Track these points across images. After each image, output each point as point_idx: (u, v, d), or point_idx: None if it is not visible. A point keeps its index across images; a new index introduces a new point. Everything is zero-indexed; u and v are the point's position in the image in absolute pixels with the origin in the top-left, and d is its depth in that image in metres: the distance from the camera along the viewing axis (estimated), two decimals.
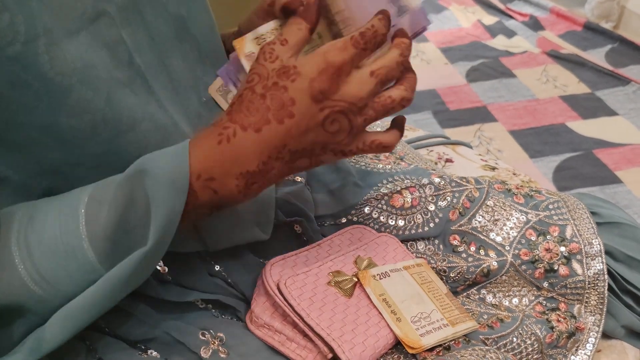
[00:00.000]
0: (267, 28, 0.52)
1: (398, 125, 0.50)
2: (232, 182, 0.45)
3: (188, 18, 0.53)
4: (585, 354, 0.64)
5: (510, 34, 2.54)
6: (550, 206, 0.70)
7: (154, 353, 0.53)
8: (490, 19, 2.70)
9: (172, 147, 0.45)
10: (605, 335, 0.67)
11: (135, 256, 0.43)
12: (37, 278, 0.43)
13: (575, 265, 0.66)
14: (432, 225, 0.69)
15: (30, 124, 0.43)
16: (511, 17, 2.70)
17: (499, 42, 2.48)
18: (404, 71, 0.47)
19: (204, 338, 0.54)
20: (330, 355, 0.53)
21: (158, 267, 0.54)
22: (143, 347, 0.53)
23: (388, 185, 0.70)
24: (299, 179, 0.69)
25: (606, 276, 0.65)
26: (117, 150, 0.47)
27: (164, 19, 0.51)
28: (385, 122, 0.91)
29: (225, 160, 0.44)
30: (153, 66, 0.49)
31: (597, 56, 2.30)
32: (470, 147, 1.01)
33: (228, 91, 0.55)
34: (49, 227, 0.44)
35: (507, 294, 0.67)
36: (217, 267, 0.58)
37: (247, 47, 0.52)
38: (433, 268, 0.67)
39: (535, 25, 2.59)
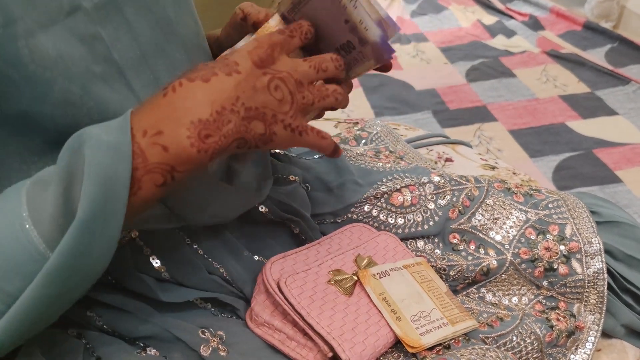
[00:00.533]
0: (243, 43, 0.55)
1: None
2: (182, 132, 0.40)
3: (175, 19, 0.53)
4: (585, 352, 0.64)
5: (510, 33, 2.54)
6: (550, 205, 0.70)
7: (153, 351, 0.53)
8: (490, 19, 2.70)
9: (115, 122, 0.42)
10: (605, 334, 0.67)
11: (70, 233, 0.38)
12: None
13: (575, 264, 0.66)
14: (431, 223, 0.69)
15: (12, 112, 0.43)
16: (511, 17, 2.70)
17: (499, 42, 2.48)
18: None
19: (203, 336, 0.53)
20: (330, 354, 0.53)
21: (155, 265, 0.54)
22: (142, 345, 0.53)
23: (388, 184, 0.70)
24: (292, 178, 0.69)
25: (606, 275, 0.65)
26: None
27: (147, 20, 0.51)
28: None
29: (173, 109, 0.41)
30: (134, 64, 0.50)
31: (596, 56, 2.30)
32: (470, 146, 1.01)
33: None
34: None
35: (506, 292, 0.67)
36: (215, 265, 0.58)
37: None
38: (433, 266, 0.67)
39: (535, 25, 2.59)
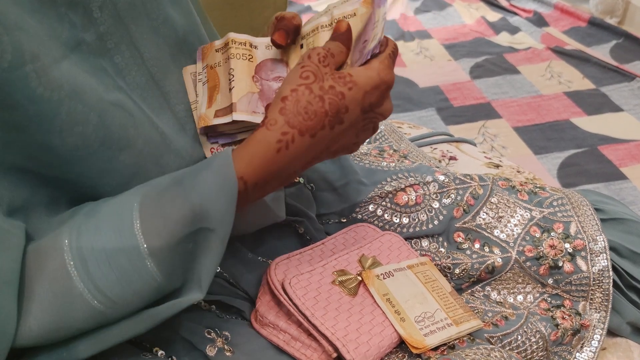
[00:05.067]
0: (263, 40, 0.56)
1: None
2: (280, 185, 0.49)
3: (184, 35, 0.55)
4: (590, 351, 0.64)
5: (514, 30, 2.53)
6: (554, 203, 0.70)
7: (160, 352, 0.53)
8: (493, 16, 2.69)
9: (220, 171, 0.44)
10: (611, 333, 0.67)
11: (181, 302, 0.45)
12: (95, 293, 0.42)
13: (580, 262, 0.66)
14: (436, 222, 0.69)
15: (25, 142, 0.43)
16: (515, 13, 2.69)
17: (503, 39, 2.47)
18: None
19: (209, 336, 0.54)
20: (335, 355, 0.53)
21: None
22: (148, 346, 0.53)
23: (392, 183, 0.70)
24: (297, 178, 0.70)
25: (611, 273, 0.65)
26: (115, 167, 0.48)
27: (155, 41, 0.53)
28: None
29: (280, 168, 0.46)
30: (144, 88, 0.51)
31: (601, 52, 2.28)
32: (474, 144, 1.01)
33: (200, 80, 0.56)
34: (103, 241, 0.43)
35: (511, 290, 0.67)
36: (217, 269, 0.58)
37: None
38: (437, 265, 0.67)
39: (539, 21, 2.57)
